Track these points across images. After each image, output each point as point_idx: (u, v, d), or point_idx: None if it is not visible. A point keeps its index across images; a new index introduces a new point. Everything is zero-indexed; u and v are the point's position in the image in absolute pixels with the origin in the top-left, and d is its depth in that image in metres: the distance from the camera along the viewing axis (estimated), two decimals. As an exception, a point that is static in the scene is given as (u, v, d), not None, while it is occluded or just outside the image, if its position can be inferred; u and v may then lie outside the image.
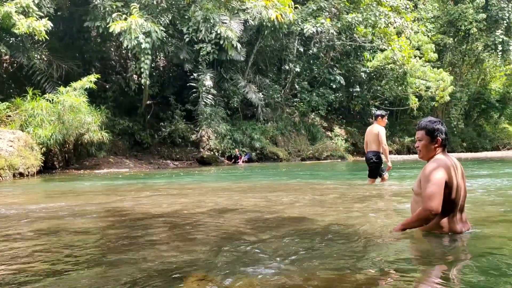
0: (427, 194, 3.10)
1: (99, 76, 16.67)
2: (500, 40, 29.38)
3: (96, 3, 17.50)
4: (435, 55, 27.18)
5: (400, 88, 27.38)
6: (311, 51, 26.59)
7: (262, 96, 23.37)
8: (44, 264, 2.84)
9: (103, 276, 2.52)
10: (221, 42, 18.88)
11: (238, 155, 20.95)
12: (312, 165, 18.80)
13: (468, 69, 35.10)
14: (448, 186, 3.12)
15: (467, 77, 34.93)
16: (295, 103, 26.06)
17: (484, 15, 28.79)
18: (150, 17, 18.01)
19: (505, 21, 29.18)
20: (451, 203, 3.16)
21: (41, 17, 15.24)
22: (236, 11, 20.79)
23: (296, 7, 22.43)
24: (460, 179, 3.21)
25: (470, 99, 34.89)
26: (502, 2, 29.23)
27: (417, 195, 3.31)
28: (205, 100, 20.43)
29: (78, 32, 19.65)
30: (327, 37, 24.77)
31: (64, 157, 15.81)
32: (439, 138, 3.23)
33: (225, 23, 19.59)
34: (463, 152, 30.60)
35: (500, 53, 30.09)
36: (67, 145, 15.54)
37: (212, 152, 20.47)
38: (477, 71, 35.96)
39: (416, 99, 27.51)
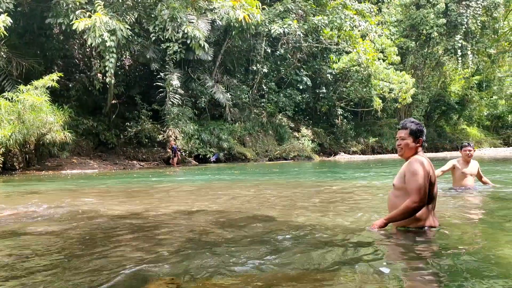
0: (415, 187, 3.22)
1: (62, 75, 16.19)
2: (459, 45, 30.56)
3: (58, -1, 16.99)
4: (398, 58, 27.96)
5: (364, 89, 28.03)
6: (278, 52, 26.80)
7: (229, 96, 23.35)
8: (2, 270, 2.76)
9: (65, 281, 2.47)
10: (188, 41, 18.73)
11: (174, 148, 19.76)
12: (280, 165, 18.97)
13: (429, 72, 36.31)
14: (430, 181, 3.28)
15: (428, 80, 36.12)
16: (262, 104, 26.20)
17: (444, 20, 29.86)
18: (115, 15, 17.64)
19: (463, 27, 30.34)
20: (431, 198, 3.32)
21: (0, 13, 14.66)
22: (203, 11, 20.66)
23: (263, 8, 22.52)
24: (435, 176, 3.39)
25: (431, 101, 36.11)
26: (461, 8, 30.38)
27: (398, 190, 3.41)
28: (172, 100, 20.22)
29: (39, 29, 18.99)
30: (294, 39, 25.02)
31: (25, 158, 15.27)
32: (421, 138, 3.44)
33: (192, 22, 19.43)
34: (425, 152, 31.54)
35: (459, 58, 31.31)
36: (28, 145, 15.02)
37: (179, 153, 20.28)
38: (438, 74, 37.26)
39: (380, 101, 28.22)
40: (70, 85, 19.59)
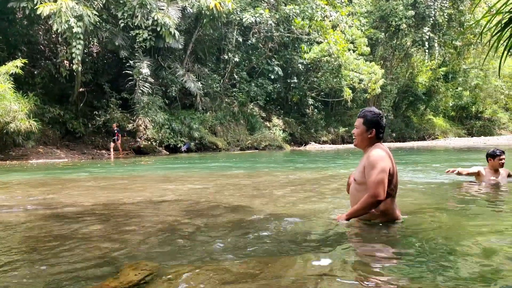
0: (373, 181, 3.14)
1: (26, 61, 15.63)
2: (427, 37, 31.27)
3: (21, -18, 16.32)
4: (368, 49, 28.34)
5: (335, 80, 28.30)
6: (250, 42, 26.70)
7: (201, 85, 23.14)
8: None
9: (32, 273, 2.43)
10: (158, 29, 18.40)
11: (116, 136, 18.77)
12: (252, 154, 19.02)
13: (398, 63, 37.01)
14: (390, 173, 3.21)
15: (396, 71, 36.82)
16: (234, 93, 26.11)
17: (412, 12, 30.44)
18: (82, 0, 17.13)
19: (431, 19, 31.05)
20: (392, 190, 3.27)
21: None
22: (174, -2, 20.34)
23: (235, -3, 22.37)
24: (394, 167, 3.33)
25: (399, 91, 36.87)
26: (429, 0, 31.04)
27: (359, 184, 3.32)
28: (141, 88, 19.87)
29: (1, 13, 18.21)
30: (266, 28, 24.97)
31: (-13, 147, 14.75)
32: (373, 130, 3.32)
33: (162, 9, 19.10)
34: (393, 142, 32.37)
35: (427, 49, 32.06)
36: (-10, 135, 14.51)
37: (149, 142, 20.02)
38: (406, 65, 38.02)
39: (350, 91, 28.59)
40: (35, 72, 18.94)
